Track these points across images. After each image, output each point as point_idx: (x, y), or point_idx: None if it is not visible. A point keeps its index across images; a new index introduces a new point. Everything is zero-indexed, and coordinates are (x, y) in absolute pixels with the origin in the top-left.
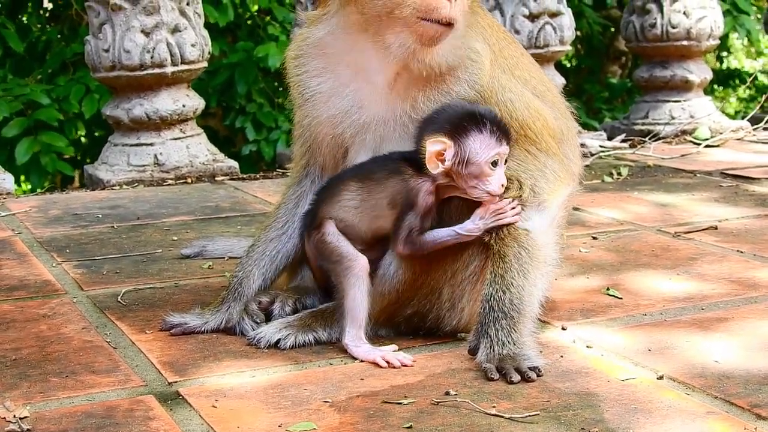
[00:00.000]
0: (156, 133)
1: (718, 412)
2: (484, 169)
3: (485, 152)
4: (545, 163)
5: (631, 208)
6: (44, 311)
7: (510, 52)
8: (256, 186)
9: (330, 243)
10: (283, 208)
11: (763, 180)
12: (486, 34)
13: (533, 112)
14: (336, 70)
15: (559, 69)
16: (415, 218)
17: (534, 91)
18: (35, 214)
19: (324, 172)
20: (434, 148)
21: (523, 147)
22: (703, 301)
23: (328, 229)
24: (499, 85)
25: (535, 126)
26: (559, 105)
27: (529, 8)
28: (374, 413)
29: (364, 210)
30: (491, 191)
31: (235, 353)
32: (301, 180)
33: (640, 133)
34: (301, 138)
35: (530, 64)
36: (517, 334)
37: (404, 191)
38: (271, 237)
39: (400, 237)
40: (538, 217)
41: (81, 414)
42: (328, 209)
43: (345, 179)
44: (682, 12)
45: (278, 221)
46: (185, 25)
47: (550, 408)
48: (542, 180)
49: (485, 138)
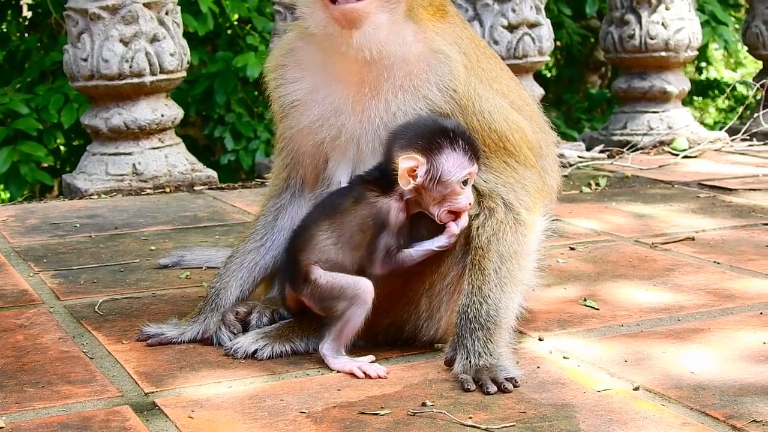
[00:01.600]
0: (134, 142)
1: (694, 423)
2: (455, 188)
3: (458, 171)
4: (524, 176)
5: (609, 219)
6: (21, 321)
7: (488, 65)
8: (235, 196)
9: (326, 283)
10: (263, 220)
11: (741, 191)
12: (462, 43)
13: (512, 124)
14: (312, 77)
15: (539, 79)
16: (391, 237)
17: (512, 105)
18: (13, 223)
19: (305, 185)
20: (407, 165)
21: (501, 159)
22: (679, 312)
23: (317, 273)
24: (476, 94)
25: (514, 138)
26: (537, 119)
27: (508, 19)
28: (351, 424)
29: (342, 245)
30: (457, 209)
31: (212, 364)
32: (281, 192)
33: (619, 144)
34: (283, 150)
35: (509, 79)
36: (493, 345)
37: (374, 213)
38: (249, 249)
39: (378, 258)
40: (520, 231)
41: (57, 425)
42: (307, 256)
43: (314, 221)
44: (661, 23)
45: (257, 233)
46: (164, 34)
47: (527, 419)
48: (523, 193)
49: (458, 157)
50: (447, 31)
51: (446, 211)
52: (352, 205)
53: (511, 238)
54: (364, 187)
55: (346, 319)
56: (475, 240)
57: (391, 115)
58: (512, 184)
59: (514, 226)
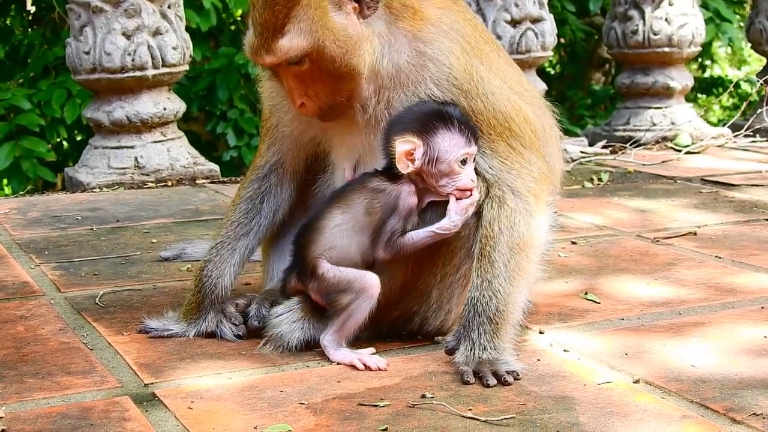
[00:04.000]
0: (137, 136)
1: (694, 416)
2: (453, 167)
3: (454, 150)
4: (530, 160)
5: (611, 214)
6: (21, 312)
7: (488, 49)
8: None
9: (333, 277)
10: (248, 203)
11: (743, 186)
12: (459, 26)
13: (515, 105)
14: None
15: (542, 75)
16: (398, 222)
17: (512, 89)
18: (14, 216)
19: (291, 167)
20: (404, 148)
21: (507, 142)
22: (680, 306)
23: (324, 267)
24: (478, 77)
25: (518, 119)
26: (539, 105)
27: (511, 14)
28: (350, 415)
29: (350, 228)
30: (462, 186)
31: (211, 355)
32: (266, 175)
33: (621, 140)
34: (269, 132)
35: (507, 66)
36: (499, 339)
37: (383, 197)
38: (240, 233)
39: (382, 241)
40: (528, 221)
41: (56, 415)
42: (314, 249)
43: (318, 217)
44: (664, 19)
45: (245, 216)
46: (166, 28)
47: (526, 411)
48: (529, 179)
49: (454, 136)
50: (443, 19)
51: (455, 189)
52: (359, 192)
53: (522, 229)
54: (375, 177)
55: (350, 312)
56: (486, 230)
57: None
58: (518, 170)
59: (524, 216)
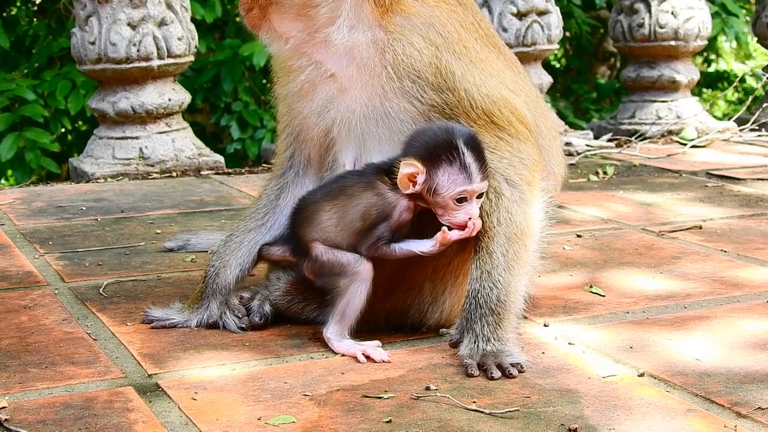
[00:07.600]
0: (141, 126)
1: (699, 409)
2: (448, 203)
3: (451, 187)
4: (519, 149)
5: (616, 207)
6: (25, 302)
7: (475, 46)
8: (241, 180)
9: (327, 259)
10: (264, 199)
11: (748, 180)
12: (437, 23)
13: (498, 99)
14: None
15: (548, 69)
16: (387, 230)
17: (503, 83)
18: (19, 206)
19: (309, 164)
20: (406, 171)
21: (493, 134)
22: (685, 300)
23: (319, 249)
24: (448, 71)
25: (502, 113)
26: (538, 106)
27: (517, 6)
28: (354, 407)
29: (342, 227)
30: (456, 223)
31: (215, 346)
32: (284, 172)
33: (627, 133)
34: (286, 130)
35: (504, 68)
36: (501, 330)
37: (380, 204)
38: (250, 227)
39: (367, 243)
40: (523, 210)
41: (59, 405)
42: (310, 232)
43: (317, 201)
44: (670, 12)
45: (258, 212)
46: (172, 18)
47: (530, 404)
48: (521, 167)
49: (453, 173)
50: (420, 13)
51: (448, 221)
52: (361, 190)
53: (518, 218)
54: (377, 177)
55: (348, 298)
56: (484, 222)
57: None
58: (509, 159)
59: (520, 205)
